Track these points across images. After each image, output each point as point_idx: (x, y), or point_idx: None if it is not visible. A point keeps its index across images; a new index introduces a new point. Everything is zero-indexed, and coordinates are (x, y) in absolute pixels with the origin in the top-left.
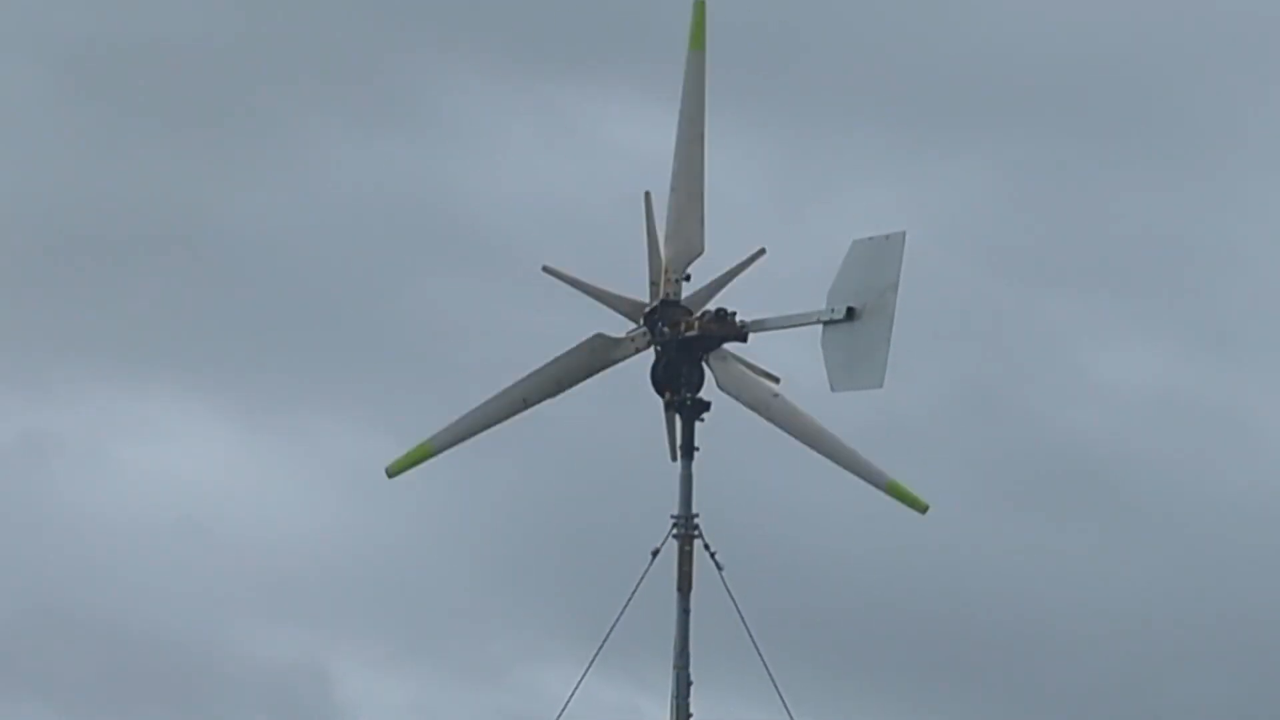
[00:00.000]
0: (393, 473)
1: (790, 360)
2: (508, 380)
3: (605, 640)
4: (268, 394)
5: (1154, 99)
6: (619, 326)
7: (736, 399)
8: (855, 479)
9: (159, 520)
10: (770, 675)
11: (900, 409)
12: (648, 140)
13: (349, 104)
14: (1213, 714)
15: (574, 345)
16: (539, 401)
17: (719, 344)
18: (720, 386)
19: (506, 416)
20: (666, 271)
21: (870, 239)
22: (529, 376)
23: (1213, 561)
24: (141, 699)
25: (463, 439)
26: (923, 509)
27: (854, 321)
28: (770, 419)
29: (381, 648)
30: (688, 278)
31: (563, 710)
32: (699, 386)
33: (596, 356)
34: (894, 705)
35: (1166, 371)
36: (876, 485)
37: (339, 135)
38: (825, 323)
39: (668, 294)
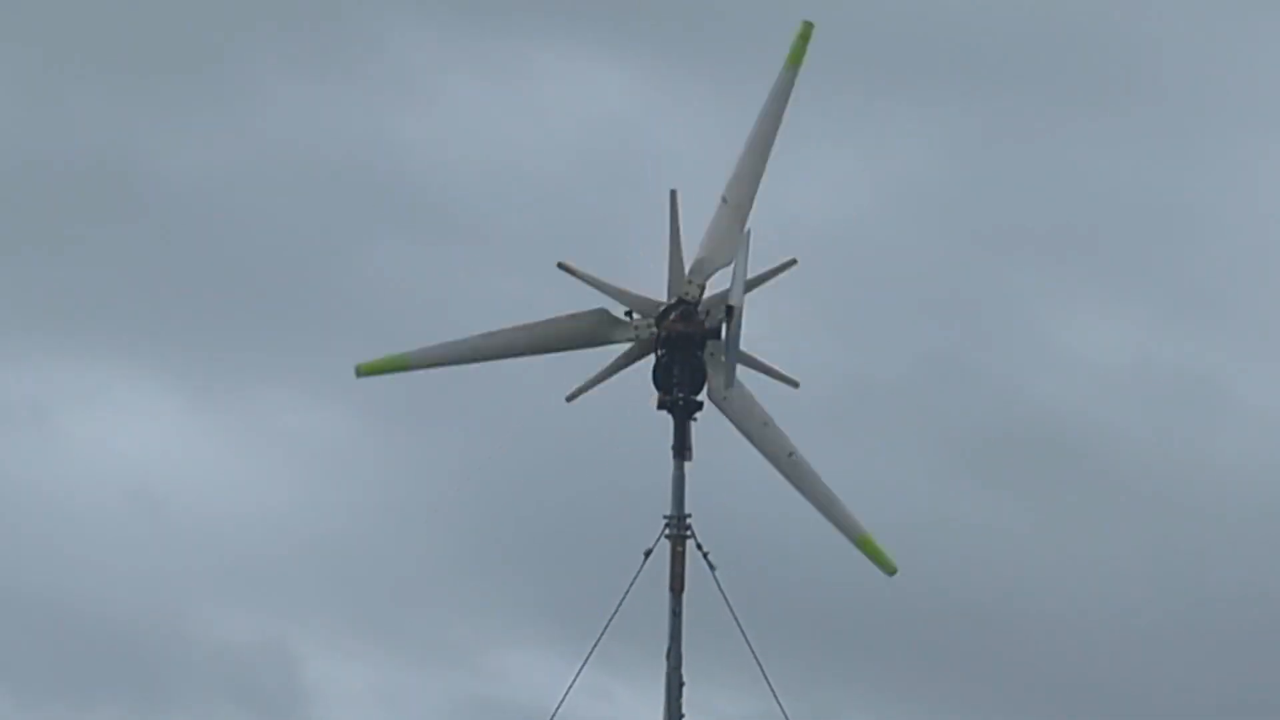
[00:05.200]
0: (361, 372)
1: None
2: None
3: (599, 639)
4: (216, 362)
5: (1122, 60)
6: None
7: (725, 414)
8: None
9: (107, 494)
10: (764, 673)
11: (867, 381)
12: (593, 97)
13: (296, 53)
14: (1190, 688)
15: (576, 312)
16: (525, 353)
17: (703, 342)
18: (710, 397)
19: (489, 357)
20: (688, 275)
21: (746, 231)
22: (523, 326)
23: (1191, 535)
24: (99, 681)
25: (440, 363)
26: (891, 571)
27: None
28: (756, 444)
29: (346, 630)
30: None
31: (557, 709)
32: (697, 388)
33: (596, 330)
34: (887, 700)
35: (1139, 340)
36: (848, 537)
37: (287, 87)
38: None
39: (685, 295)
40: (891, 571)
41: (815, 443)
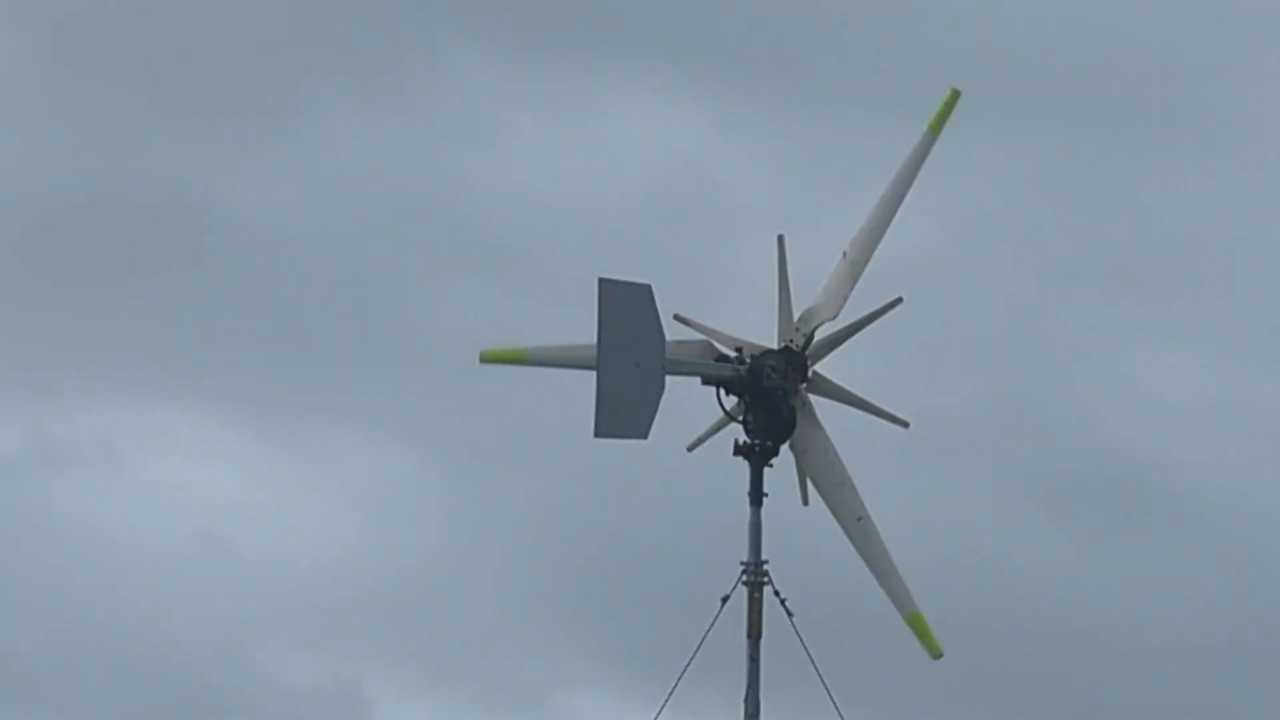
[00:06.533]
0: (485, 359)
1: None
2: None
3: (676, 685)
4: (286, 402)
5: (1192, 88)
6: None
7: (800, 465)
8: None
9: (175, 534)
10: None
11: (937, 418)
12: (661, 136)
13: (362, 90)
14: None
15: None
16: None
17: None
18: (792, 446)
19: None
20: (796, 322)
21: (616, 282)
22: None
23: (1269, 576)
24: None
25: (558, 364)
26: (936, 655)
27: (635, 367)
28: (827, 501)
29: (416, 672)
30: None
31: None
32: (779, 433)
33: (701, 358)
34: None
35: (1215, 376)
36: (900, 611)
37: (353, 125)
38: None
39: (788, 343)
40: (937, 655)
41: (883, 481)
